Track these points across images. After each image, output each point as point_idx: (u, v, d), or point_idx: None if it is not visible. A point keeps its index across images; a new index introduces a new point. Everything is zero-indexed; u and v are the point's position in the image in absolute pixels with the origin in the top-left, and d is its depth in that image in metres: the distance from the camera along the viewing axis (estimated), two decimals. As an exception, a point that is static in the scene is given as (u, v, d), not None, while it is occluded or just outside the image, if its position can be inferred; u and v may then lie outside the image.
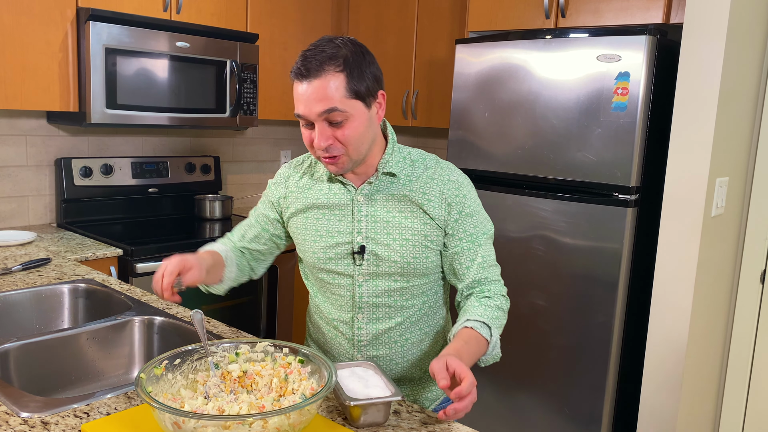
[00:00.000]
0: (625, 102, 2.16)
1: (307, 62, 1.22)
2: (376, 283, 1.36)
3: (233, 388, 1.15)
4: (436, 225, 1.34)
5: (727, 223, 2.34)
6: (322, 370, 1.13)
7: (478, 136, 2.58)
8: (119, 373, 1.64)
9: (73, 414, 1.16)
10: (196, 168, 3.24)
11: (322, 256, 1.38)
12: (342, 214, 1.36)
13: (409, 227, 1.34)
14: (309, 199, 1.40)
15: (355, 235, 1.35)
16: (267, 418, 0.94)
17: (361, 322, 1.39)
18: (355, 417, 1.15)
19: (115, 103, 2.55)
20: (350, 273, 1.37)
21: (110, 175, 2.91)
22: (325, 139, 1.24)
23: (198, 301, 2.69)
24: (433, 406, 1.48)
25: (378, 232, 1.34)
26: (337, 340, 1.44)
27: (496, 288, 1.38)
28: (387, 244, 1.34)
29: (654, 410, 2.25)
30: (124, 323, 1.64)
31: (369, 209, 1.35)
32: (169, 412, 0.94)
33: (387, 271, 1.35)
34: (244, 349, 1.21)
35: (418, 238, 1.34)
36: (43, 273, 2.03)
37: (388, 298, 1.37)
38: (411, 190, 1.35)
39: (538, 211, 2.41)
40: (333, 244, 1.37)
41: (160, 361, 1.11)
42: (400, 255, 1.34)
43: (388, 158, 1.35)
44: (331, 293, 1.41)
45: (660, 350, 2.21)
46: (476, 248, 1.36)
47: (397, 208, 1.34)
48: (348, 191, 1.37)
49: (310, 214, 1.39)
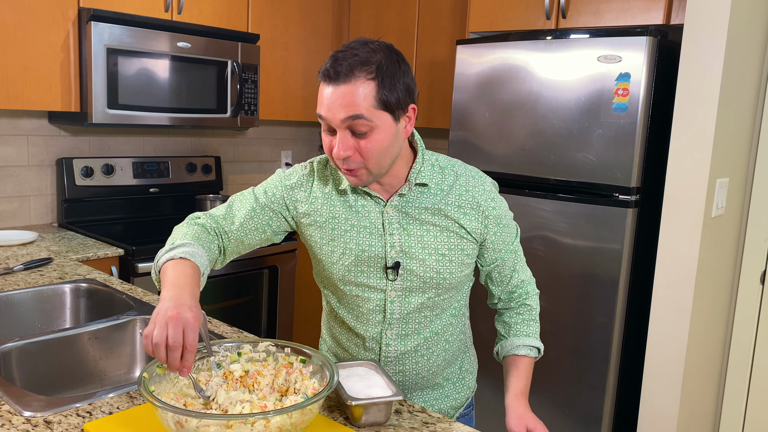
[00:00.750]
0: (625, 103, 2.17)
1: (337, 65, 1.13)
2: (409, 299, 1.29)
3: (235, 388, 1.15)
4: (473, 239, 1.29)
5: (727, 224, 2.34)
6: (323, 370, 1.13)
7: (479, 137, 2.59)
8: (121, 372, 1.65)
9: (76, 413, 1.17)
10: (197, 168, 3.24)
11: (353, 269, 1.29)
12: (372, 228, 1.27)
13: (445, 242, 1.27)
14: (334, 209, 1.29)
15: (388, 249, 1.27)
16: (269, 418, 0.95)
17: (390, 338, 1.32)
18: (357, 416, 1.16)
19: (116, 103, 2.56)
20: (382, 288, 1.29)
21: (111, 175, 2.92)
22: (345, 149, 1.15)
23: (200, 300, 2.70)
24: (458, 413, 1.44)
25: (412, 246, 1.26)
26: (360, 356, 1.36)
27: (531, 288, 1.42)
28: (422, 259, 1.26)
29: (654, 410, 2.25)
30: (126, 323, 1.64)
31: (402, 222, 1.27)
32: (172, 411, 0.94)
33: (421, 287, 1.28)
34: (246, 349, 1.21)
35: (455, 254, 1.28)
36: (44, 273, 2.03)
37: (419, 313, 1.31)
38: (446, 203, 1.27)
39: (538, 212, 2.41)
40: (364, 258, 1.27)
41: (163, 360, 1.11)
42: (436, 271, 1.27)
43: (419, 168, 1.27)
44: (358, 306, 1.32)
45: (660, 350, 2.22)
46: (514, 256, 1.37)
47: (431, 222, 1.27)
48: (377, 203, 1.28)
49: (337, 226, 1.29)
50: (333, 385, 1.04)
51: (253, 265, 2.87)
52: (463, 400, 1.44)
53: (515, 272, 1.38)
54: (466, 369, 1.45)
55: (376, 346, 1.33)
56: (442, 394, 1.40)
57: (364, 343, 1.34)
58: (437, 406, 1.40)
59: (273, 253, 2.90)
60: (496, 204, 1.31)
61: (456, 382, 1.42)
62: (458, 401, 1.43)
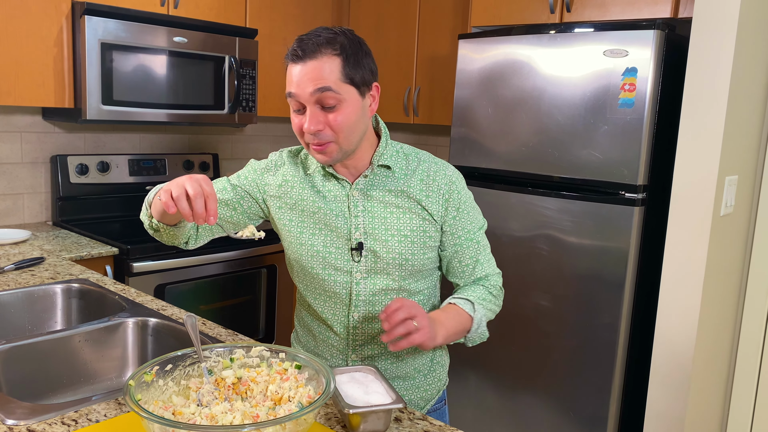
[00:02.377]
0: (632, 98, 2.11)
1: (303, 44, 1.20)
2: (374, 281, 1.32)
3: (227, 395, 1.10)
4: (434, 221, 1.32)
5: (736, 223, 2.28)
6: (319, 377, 1.08)
7: (482, 134, 2.53)
8: (112, 375, 1.60)
9: (61, 421, 1.12)
10: (195, 165, 3.19)
11: (321, 250, 1.33)
12: (338, 210, 1.32)
13: (408, 224, 1.31)
14: (303, 194, 1.34)
15: (353, 231, 1.31)
16: (261, 429, 0.90)
17: (357, 321, 1.35)
18: (355, 425, 1.11)
19: (111, 99, 2.51)
20: (348, 269, 1.32)
21: (107, 172, 2.86)
22: (316, 123, 1.20)
23: (197, 301, 2.66)
24: (429, 406, 1.44)
25: (376, 228, 1.30)
26: (330, 341, 1.39)
27: (495, 280, 1.40)
28: (385, 240, 1.30)
29: (661, 412, 2.20)
30: (118, 325, 1.60)
31: (366, 204, 1.31)
32: (158, 422, 0.89)
33: (385, 269, 1.32)
34: (238, 354, 1.16)
35: (417, 235, 1.31)
36: (36, 272, 1.98)
37: (385, 296, 1.33)
38: (408, 185, 1.32)
39: (542, 210, 2.36)
40: (330, 240, 1.32)
41: (151, 366, 1.06)
42: (398, 252, 1.30)
43: (382, 151, 1.32)
44: (326, 290, 1.35)
45: (667, 352, 2.16)
46: (476, 246, 1.36)
47: (395, 204, 1.31)
48: (342, 186, 1.33)
49: (305, 208, 1.33)
50: (329, 393, 0.99)
51: (251, 264, 2.82)
52: (434, 392, 1.44)
53: (478, 263, 1.37)
54: (437, 362, 1.44)
55: (344, 331, 1.35)
56: (413, 385, 1.41)
57: (332, 328, 1.36)
58: (408, 397, 1.40)
59: (271, 252, 2.85)
60: (459, 189, 1.34)
61: (427, 374, 1.42)
62: (429, 393, 1.43)
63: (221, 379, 1.12)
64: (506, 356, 2.49)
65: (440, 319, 1.26)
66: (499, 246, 2.41)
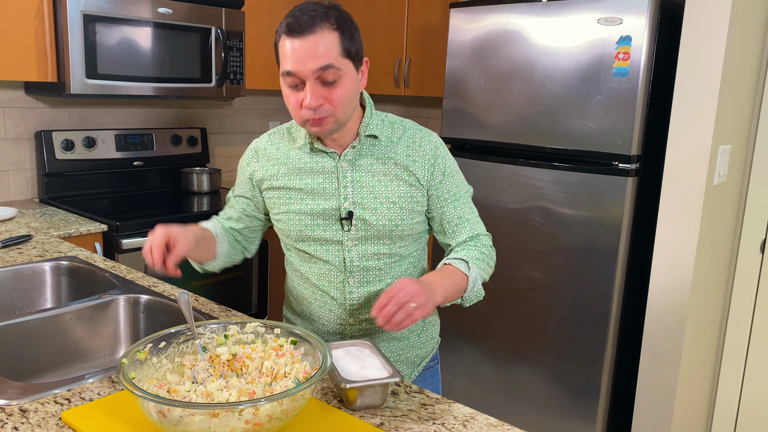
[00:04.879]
0: (626, 67, 2.08)
1: (299, 20, 1.18)
2: (365, 247, 1.34)
3: (223, 372, 1.09)
4: (421, 186, 1.34)
5: (728, 193, 2.28)
6: (315, 352, 1.07)
7: (474, 105, 2.50)
8: (104, 353, 1.58)
9: (54, 400, 1.10)
10: (183, 140, 3.14)
11: (309, 223, 1.34)
12: (327, 181, 1.33)
13: (395, 191, 1.32)
14: (290, 167, 1.35)
15: (342, 200, 1.32)
16: (258, 406, 0.88)
17: (352, 285, 1.36)
18: (352, 400, 1.10)
19: (95, 72, 2.45)
20: (339, 239, 1.33)
21: (93, 148, 2.82)
22: (317, 99, 1.20)
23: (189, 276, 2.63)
24: (424, 363, 1.48)
25: (365, 197, 1.32)
26: (327, 306, 1.39)
27: (486, 240, 1.41)
28: (374, 208, 1.32)
29: (652, 382, 2.22)
30: (109, 302, 1.58)
31: (354, 175, 1.32)
32: (154, 400, 0.88)
33: (375, 235, 1.33)
34: (233, 331, 1.14)
35: (405, 202, 1.33)
36: (23, 250, 1.95)
37: (378, 261, 1.35)
38: (395, 152, 1.34)
39: (535, 182, 2.34)
40: (320, 210, 1.33)
41: (144, 344, 1.05)
42: (388, 219, 1.32)
43: (368, 121, 1.33)
44: (319, 260, 1.36)
45: (659, 321, 2.18)
46: (462, 206, 1.38)
47: (382, 172, 1.33)
48: (332, 158, 1.33)
49: (293, 183, 1.34)
50: (326, 368, 0.98)
51: (243, 239, 2.79)
52: (428, 350, 1.49)
53: (467, 222, 1.38)
54: (429, 321, 1.48)
55: (341, 296, 1.37)
56: (408, 345, 1.44)
57: (329, 294, 1.37)
58: (404, 356, 1.44)
59: (262, 227, 2.83)
60: (443, 155, 1.37)
61: (420, 333, 1.46)
62: (424, 351, 1.47)
63: (216, 356, 1.10)
64: (499, 328, 2.50)
65: (436, 280, 1.26)
66: (491, 218, 2.40)
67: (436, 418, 1.09)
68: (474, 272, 1.31)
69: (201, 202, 2.93)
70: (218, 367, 1.09)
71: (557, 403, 2.38)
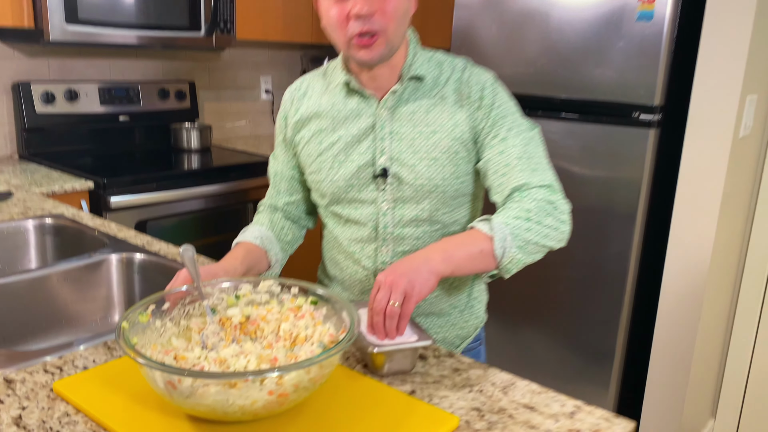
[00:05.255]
0: (651, 11, 1.94)
1: None
2: (401, 211, 1.18)
3: (235, 336, 0.97)
4: (470, 137, 1.15)
5: (752, 146, 2.18)
6: (339, 313, 0.95)
7: (484, 55, 2.35)
8: (96, 317, 1.46)
9: (44, 369, 0.98)
10: (170, 94, 2.96)
11: (342, 185, 1.19)
12: (362, 134, 1.17)
13: (436, 143, 1.15)
14: (323, 114, 1.20)
15: (378, 155, 1.16)
16: (283, 374, 0.77)
17: (385, 255, 1.20)
18: (379, 365, 0.99)
19: (76, 17, 2.26)
20: (373, 199, 1.18)
21: (75, 101, 2.64)
22: (369, 5, 1.04)
23: (181, 237, 2.50)
24: (465, 345, 1.31)
25: (402, 151, 1.15)
26: (358, 276, 1.25)
27: (534, 192, 1.08)
28: (412, 165, 1.15)
29: (668, 345, 2.14)
30: (100, 262, 1.44)
31: (393, 125, 1.16)
32: (162, 369, 0.75)
33: (413, 197, 1.17)
34: (245, 290, 1.02)
35: (448, 157, 1.15)
36: (4, 208, 1.80)
37: (415, 228, 1.19)
38: (442, 97, 1.15)
39: (550, 135, 2.21)
40: (354, 169, 1.18)
41: (146, 306, 0.92)
42: (427, 177, 1.15)
43: (411, 60, 1.16)
44: (352, 223, 1.22)
45: (678, 283, 2.09)
46: (512, 152, 1.11)
47: (425, 122, 1.15)
48: (369, 105, 1.17)
49: (325, 138, 1.20)
50: (354, 333, 0.86)
51: (237, 198, 2.66)
52: (471, 330, 1.31)
53: (514, 171, 1.10)
54: (475, 297, 1.31)
55: (372, 265, 1.22)
56: (448, 322, 1.28)
57: (359, 263, 1.23)
58: (441, 335, 1.28)
59: (257, 186, 2.69)
60: (492, 93, 1.15)
61: (464, 309, 1.28)
62: (465, 331, 1.30)
63: (227, 319, 0.98)
64: (510, 289, 2.40)
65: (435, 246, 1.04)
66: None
67: (472, 384, 0.99)
68: (500, 232, 1.04)
69: (191, 160, 2.78)
70: (230, 331, 0.97)
71: (569, 367, 2.30)
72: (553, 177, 1.13)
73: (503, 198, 1.12)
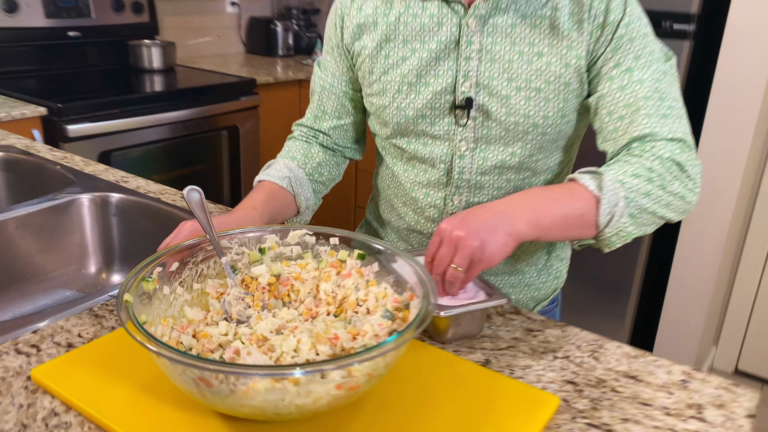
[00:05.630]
0: None
1: None
2: (484, 154, 0.93)
3: (264, 301, 0.76)
4: (584, 64, 0.88)
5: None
6: (396, 270, 0.75)
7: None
8: (69, 269, 1.23)
9: (15, 349, 0.76)
10: (126, 6, 2.60)
11: (411, 115, 0.94)
12: (442, 51, 0.91)
13: (541, 70, 0.88)
14: (392, 21, 0.93)
15: (461, 80, 0.90)
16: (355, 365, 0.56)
17: (456, 206, 0.98)
18: (442, 330, 0.80)
19: None
20: (449, 136, 0.94)
21: (15, 13, 2.27)
22: None
23: (149, 169, 2.23)
24: (539, 307, 1.10)
25: (494, 77, 0.89)
26: (419, 227, 1.03)
27: (664, 148, 0.83)
28: (505, 96, 0.89)
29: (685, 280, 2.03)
30: (68, 204, 1.20)
31: (484, 41, 0.89)
32: (192, 364, 0.54)
33: (502, 138, 0.92)
34: (271, 242, 0.80)
35: (555, 88, 0.88)
36: (-60, 139, 1.51)
37: (498, 176, 0.95)
38: (553, 7, 0.87)
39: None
40: (428, 96, 0.92)
41: (150, 268, 0.70)
42: (524, 114, 0.89)
43: None
44: (419, 162, 0.98)
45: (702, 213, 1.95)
46: (637, 88, 0.85)
47: (527, 41, 0.88)
48: (454, 12, 0.90)
49: (393, 51, 0.94)
50: (434, 300, 0.66)
51: (210, 125, 2.38)
52: (548, 292, 1.09)
53: (636, 114, 0.84)
54: (556, 255, 1.08)
55: (439, 217, 1.00)
56: (522, 281, 1.05)
57: (423, 211, 1.01)
58: (514, 296, 1.06)
59: (231, 111, 2.41)
60: (628, 6, 0.86)
61: (542, 269, 1.06)
62: (542, 293, 1.08)
63: (251, 279, 0.77)
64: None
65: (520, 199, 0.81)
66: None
67: (554, 349, 0.81)
68: (614, 192, 0.80)
69: (153, 81, 2.47)
70: (258, 295, 0.76)
71: (585, 300, 2.17)
72: (687, 128, 0.87)
73: (617, 148, 0.87)
